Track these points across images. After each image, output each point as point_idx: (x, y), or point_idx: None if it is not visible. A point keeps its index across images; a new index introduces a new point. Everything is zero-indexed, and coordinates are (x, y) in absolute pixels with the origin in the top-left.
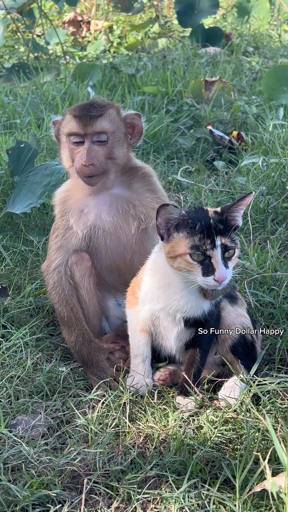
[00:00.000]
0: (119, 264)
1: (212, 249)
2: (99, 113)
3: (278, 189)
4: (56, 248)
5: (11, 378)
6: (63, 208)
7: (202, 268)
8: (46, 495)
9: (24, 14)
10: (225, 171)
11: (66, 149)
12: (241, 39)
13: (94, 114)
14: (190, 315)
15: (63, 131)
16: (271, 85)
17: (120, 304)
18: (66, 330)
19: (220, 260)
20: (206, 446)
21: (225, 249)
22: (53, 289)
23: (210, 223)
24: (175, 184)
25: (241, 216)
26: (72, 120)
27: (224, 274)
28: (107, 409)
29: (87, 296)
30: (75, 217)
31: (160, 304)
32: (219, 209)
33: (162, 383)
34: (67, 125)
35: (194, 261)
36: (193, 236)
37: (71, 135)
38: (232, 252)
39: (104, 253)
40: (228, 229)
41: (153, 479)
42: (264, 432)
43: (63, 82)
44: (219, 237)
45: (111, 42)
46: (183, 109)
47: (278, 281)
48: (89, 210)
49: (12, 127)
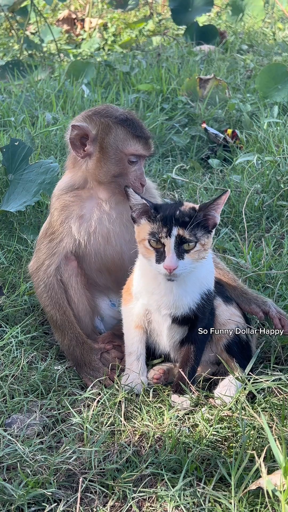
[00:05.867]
0: (109, 266)
1: (166, 237)
2: (151, 135)
3: (273, 187)
4: (51, 253)
5: (6, 377)
6: (64, 214)
7: (156, 255)
8: (41, 494)
9: (18, 12)
10: (220, 169)
11: (113, 163)
12: (236, 37)
13: (151, 136)
14: (175, 312)
15: (117, 146)
16: (266, 83)
17: (114, 304)
18: (59, 333)
19: (173, 249)
20: (202, 444)
21: (181, 240)
22: (44, 292)
23: (173, 214)
24: (170, 182)
25: (219, 214)
26: (136, 141)
27: (174, 263)
28: (103, 407)
29: (75, 296)
30: (76, 224)
31: (145, 298)
32: (197, 205)
33: (156, 382)
34: (128, 144)
35: (151, 247)
36: (154, 223)
37: (133, 155)
38: (193, 245)
39: (94, 257)
40: (194, 224)
41: (148, 478)
42: (259, 430)
43: (57, 79)
44: (177, 227)
45: (105, 39)
46: (178, 107)
47: (273, 279)
48: (91, 216)
49: (6, 125)
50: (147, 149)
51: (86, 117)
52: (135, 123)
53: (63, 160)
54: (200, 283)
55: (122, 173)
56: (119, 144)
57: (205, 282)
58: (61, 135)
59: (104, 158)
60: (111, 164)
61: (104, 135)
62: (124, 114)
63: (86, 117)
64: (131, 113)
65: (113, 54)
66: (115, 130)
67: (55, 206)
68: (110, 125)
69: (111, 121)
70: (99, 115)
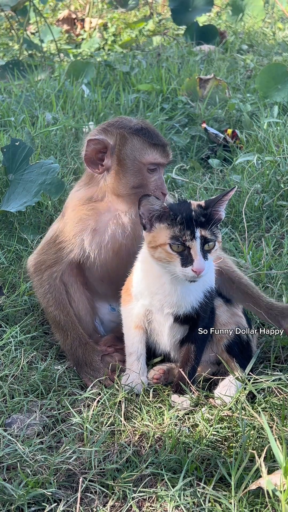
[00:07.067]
0: (112, 276)
1: (191, 240)
2: (168, 142)
3: (273, 187)
4: (58, 261)
5: (6, 377)
6: (79, 227)
7: (181, 259)
8: (41, 494)
9: (18, 12)
10: (220, 169)
11: (132, 174)
12: (236, 36)
13: (168, 143)
14: (177, 311)
15: (135, 157)
16: (266, 83)
17: (114, 309)
18: (61, 333)
19: (199, 251)
20: (202, 444)
21: (204, 241)
22: (48, 292)
23: (191, 215)
24: (170, 182)
25: (224, 209)
26: (154, 149)
27: (202, 265)
28: (103, 407)
29: (75, 295)
30: (89, 238)
31: (148, 299)
32: (202, 202)
33: (156, 382)
34: (146, 153)
35: (174, 251)
36: (173, 227)
37: (151, 164)
38: (212, 245)
39: (100, 268)
40: (210, 222)
41: (148, 478)
42: (260, 430)
43: (57, 79)
44: (199, 229)
45: (105, 39)
46: (178, 107)
47: (273, 279)
48: (105, 230)
49: (6, 125)
50: (165, 156)
51: (101, 130)
52: (151, 131)
53: (63, 160)
54: (203, 281)
55: (142, 183)
56: (136, 154)
57: (207, 279)
58: (61, 135)
59: (122, 170)
60: (130, 176)
61: (121, 147)
62: (139, 123)
63: (101, 130)
64: (145, 122)
65: (113, 54)
66: (131, 141)
67: (70, 217)
68: (126, 136)
69: (126, 131)
70: (114, 127)
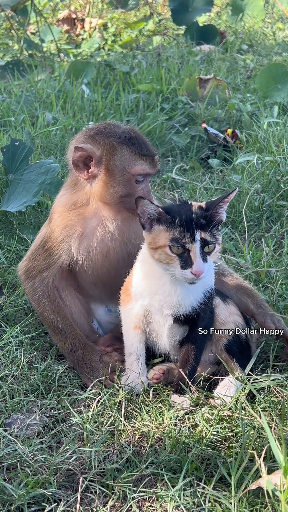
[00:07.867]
0: (104, 280)
1: (191, 242)
2: (156, 151)
3: (273, 187)
4: (48, 266)
5: (6, 377)
6: (65, 232)
7: (180, 261)
8: (41, 494)
9: (18, 12)
10: (220, 169)
11: (120, 184)
12: (236, 36)
13: (156, 153)
14: (177, 311)
15: (124, 168)
16: (266, 83)
17: (110, 310)
18: (59, 336)
19: (199, 253)
20: (202, 444)
21: (204, 243)
22: (43, 297)
23: (191, 217)
24: (170, 182)
25: (225, 211)
26: (143, 160)
27: (202, 268)
28: (103, 407)
29: (67, 299)
30: (77, 243)
31: (147, 299)
32: (203, 204)
33: (156, 382)
34: (135, 164)
35: (173, 253)
36: (173, 229)
37: (140, 175)
38: (212, 247)
39: (91, 272)
40: (210, 224)
41: (148, 478)
42: (259, 430)
43: (57, 79)
44: (199, 231)
45: (105, 39)
46: (178, 107)
47: (273, 278)
48: (93, 235)
49: (6, 125)
50: (153, 167)
51: (89, 138)
52: (139, 141)
53: (63, 160)
54: (203, 282)
55: (129, 193)
56: (125, 165)
57: (207, 280)
58: (61, 135)
59: (111, 180)
60: (118, 186)
61: (110, 157)
62: (128, 132)
63: (88, 137)
64: (134, 130)
65: (113, 54)
66: (120, 151)
67: (57, 223)
68: (115, 146)
69: (115, 141)
70: (102, 135)
